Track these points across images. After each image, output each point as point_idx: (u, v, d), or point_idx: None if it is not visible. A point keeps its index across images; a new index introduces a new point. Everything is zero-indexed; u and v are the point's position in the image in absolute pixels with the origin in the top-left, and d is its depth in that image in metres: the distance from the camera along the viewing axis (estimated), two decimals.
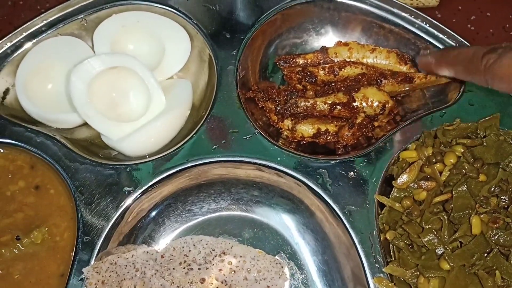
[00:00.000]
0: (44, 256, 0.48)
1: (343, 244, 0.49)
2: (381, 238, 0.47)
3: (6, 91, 0.55)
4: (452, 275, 0.42)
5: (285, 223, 0.52)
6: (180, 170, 0.51)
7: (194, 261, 0.50)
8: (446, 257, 0.43)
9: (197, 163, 0.51)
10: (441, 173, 0.47)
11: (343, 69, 0.55)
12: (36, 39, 0.56)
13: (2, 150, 0.52)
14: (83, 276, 0.46)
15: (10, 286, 0.47)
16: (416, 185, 0.47)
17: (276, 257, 0.51)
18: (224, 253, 0.51)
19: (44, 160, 0.51)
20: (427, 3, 0.61)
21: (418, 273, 0.44)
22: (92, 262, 0.47)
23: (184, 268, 0.50)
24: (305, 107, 0.54)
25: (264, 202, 0.53)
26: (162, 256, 0.50)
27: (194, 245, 0.51)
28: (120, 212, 0.49)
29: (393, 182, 0.48)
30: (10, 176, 0.51)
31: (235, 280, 0.49)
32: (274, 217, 0.53)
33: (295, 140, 0.54)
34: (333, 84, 0.55)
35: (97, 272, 0.47)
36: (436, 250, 0.44)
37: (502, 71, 0.40)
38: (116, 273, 0.48)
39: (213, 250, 0.51)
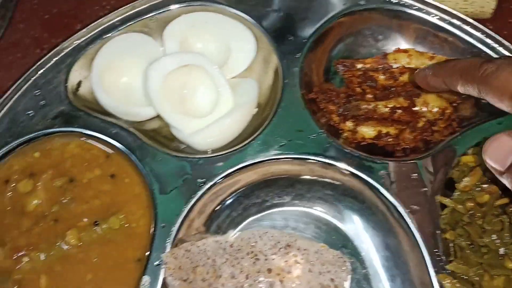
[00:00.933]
0: (121, 241, 0.50)
1: (405, 242, 0.51)
2: (441, 237, 0.50)
3: (79, 83, 0.57)
4: None
5: (347, 220, 0.55)
6: (248, 165, 0.53)
7: (260, 252, 0.52)
8: (510, 257, 0.45)
9: (264, 159, 0.53)
10: None
11: (403, 75, 0.58)
12: (109, 35, 0.58)
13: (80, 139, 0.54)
14: (160, 261, 0.49)
15: (88, 269, 0.49)
16: (478, 188, 0.50)
17: (339, 251, 0.53)
18: (289, 246, 0.53)
19: (120, 150, 0.53)
20: (481, 15, 0.63)
21: (482, 271, 0.47)
22: (168, 248, 0.49)
23: (251, 258, 0.52)
24: (366, 110, 0.57)
25: (327, 199, 0.55)
26: (231, 246, 0.52)
27: (260, 237, 0.53)
28: (193, 202, 0.51)
29: (456, 184, 0.50)
30: (86, 165, 0.53)
31: (301, 272, 0.52)
32: (336, 214, 0.55)
33: (354, 141, 0.57)
34: (393, 89, 0.58)
35: (175, 258, 0.49)
36: (499, 250, 0.47)
37: (497, 83, 0.40)
38: (190, 259, 0.50)
39: (278, 242, 0.53)
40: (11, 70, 0.62)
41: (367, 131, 0.56)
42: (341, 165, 0.53)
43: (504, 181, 0.40)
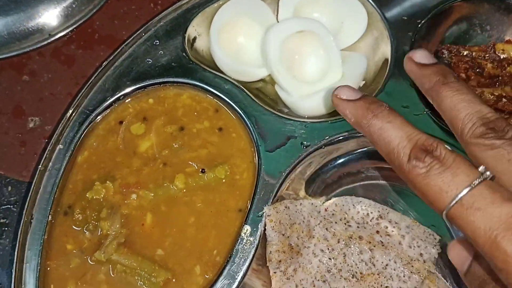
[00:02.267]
0: (225, 191, 0.53)
1: None
2: None
3: (194, 39, 0.60)
4: None
5: None
6: (350, 136, 0.54)
7: (353, 219, 0.54)
8: None
9: None
10: None
11: (510, 66, 0.58)
12: None
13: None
14: (262, 213, 0.51)
15: (192, 212, 0.52)
16: None
17: (429, 229, 0.54)
18: (380, 217, 0.54)
19: (229, 105, 0.55)
20: None
21: None
22: (269, 203, 0.51)
23: (344, 224, 0.53)
24: None
25: None
26: (325, 210, 0.54)
27: (353, 205, 0.54)
28: (296, 162, 0.53)
29: None
30: (196, 116, 0.56)
31: (391, 243, 0.53)
32: None
33: None
34: (499, 78, 0.58)
35: (276, 212, 0.51)
36: None
37: (429, 191, 0.37)
38: (289, 216, 0.52)
39: (371, 212, 0.54)
40: (125, 21, 0.64)
41: None
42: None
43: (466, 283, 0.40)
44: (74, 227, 0.50)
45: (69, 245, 0.50)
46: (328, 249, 0.52)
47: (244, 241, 0.50)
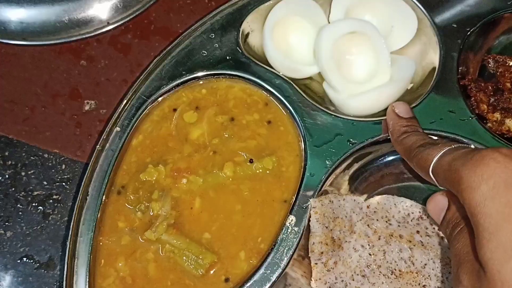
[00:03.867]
0: (271, 181, 0.54)
1: None
2: None
3: (248, 35, 0.61)
4: None
5: None
6: None
7: (393, 217, 0.55)
8: None
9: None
10: None
11: None
12: None
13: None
14: (307, 205, 0.52)
15: (238, 200, 0.53)
16: None
17: None
18: (421, 218, 0.55)
19: (279, 99, 0.57)
20: None
21: None
22: (314, 196, 0.52)
23: (385, 222, 0.54)
24: None
25: None
26: (367, 207, 0.55)
27: (395, 204, 0.55)
28: (341, 159, 0.54)
29: None
30: (246, 108, 0.57)
31: (430, 243, 0.53)
32: None
33: (498, 132, 0.57)
34: None
35: (321, 205, 0.52)
36: None
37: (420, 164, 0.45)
38: (333, 210, 0.53)
39: (412, 213, 0.55)
40: (180, 14, 0.66)
41: None
42: None
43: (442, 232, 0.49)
44: (127, 205, 0.52)
45: (121, 223, 0.52)
46: (368, 245, 0.53)
47: (289, 230, 0.51)
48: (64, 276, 0.49)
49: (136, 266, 0.50)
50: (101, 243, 0.51)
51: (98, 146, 0.53)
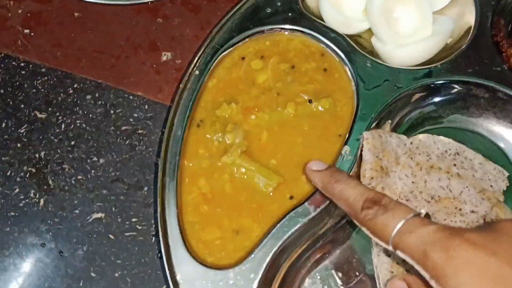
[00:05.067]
0: (327, 118, 0.62)
1: None
2: None
3: None
4: None
5: (507, 138, 0.64)
6: (434, 83, 0.63)
7: (433, 153, 0.62)
8: None
9: (451, 79, 0.63)
10: None
11: None
12: None
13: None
14: (360, 137, 0.60)
15: (299, 134, 0.61)
16: None
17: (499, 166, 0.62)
18: (457, 154, 0.63)
19: (334, 50, 0.65)
20: None
21: None
22: (365, 130, 0.61)
23: (426, 156, 0.62)
24: None
25: (493, 114, 0.64)
26: (410, 143, 0.62)
27: (434, 142, 0.63)
28: (389, 101, 0.62)
29: None
30: (305, 58, 0.65)
31: (465, 174, 0.61)
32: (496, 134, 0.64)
33: None
34: None
35: (372, 137, 0.60)
36: None
37: (376, 229, 0.44)
38: (381, 143, 0.61)
39: (449, 149, 0.63)
40: None
41: None
42: None
43: None
44: (207, 135, 0.61)
45: (201, 150, 0.61)
46: (412, 174, 0.61)
47: (344, 158, 0.59)
48: (158, 191, 0.58)
49: (214, 185, 0.59)
50: (185, 165, 0.60)
51: (181, 85, 0.62)
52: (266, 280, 0.55)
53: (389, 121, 0.64)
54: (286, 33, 0.66)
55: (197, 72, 0.63)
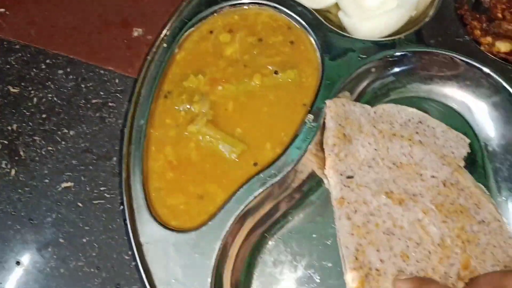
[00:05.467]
0: (293, 89, 0.63)
1: None
2: None
3: None
4: None
5: (469, 107, 0.65)
6: (400, 54, 0.64)
7: (396, 122, 0.63)
8: None
9: (416, 50, 0.64)
10: None
11: None
12: None
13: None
14: (323, 106, 0.61)
15: (266, 104, 0.62)
16: None
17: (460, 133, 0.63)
18: (420, 122, 0.64)
19: (301, 24, 0.66)
20: None
21: None
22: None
23: (389, 124, 0.63)
24: (505, 29, 0.66)
25: (456, 83, 0.65)
26: (374, 112, 0.64)
27: (398, 111, 0.64)
28: (353, 71, 0.63)
29: None
30: (272, 31, 0.66)
31: (427, 142, 0.62)
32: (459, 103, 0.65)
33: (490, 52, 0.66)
34: None
35: (335, 105, 0.61)
36: None
37: None
38: (344, 111, 0.62)
39: (413, 118, 0.64)
40: None
41: (503, 46, 0.65)
42: (481, 67, 0.62)
43: None
44: (174, 106, 0.62)
45: (168, 120, 0.62)
46: (374, 142, 0.62)
47: (307, 125, 0.60)
48: (122, 160, 0.59)
49: (180, 153, 0.60)
50: (152, 134, 0.61)
51: (148, 57, 0.63)
52: (228, 242, 0.56)
53: (348, 92, 0.65)
54: (254, 7, 0.68)
55: (165, 45, 0.64)
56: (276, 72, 0.63)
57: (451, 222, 0.58)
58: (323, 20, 0.66)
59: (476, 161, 0.63)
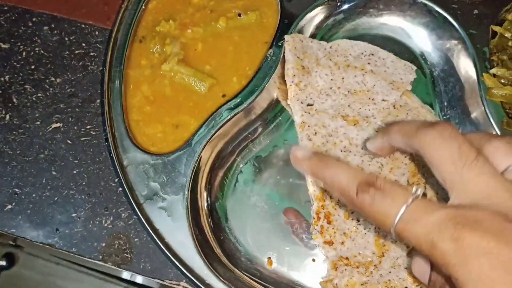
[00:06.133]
0: (255, 29, 0.69)
1: (462, 60, 0.66)
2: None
3: None
4: None
5: (416, 39, 0.71)
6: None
7: (350, 55, 0.69)
8: None
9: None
10: None
11: None
12: None
13: None
14: (283, 42, 0.67)
15: (231, 43, 0.68)
16: None
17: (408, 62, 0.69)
18: (372, 54, 0.69)
19: None
20: None
21: None
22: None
23: (343, 57, 0.69)
24: None
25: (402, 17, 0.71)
26: (330, 47, 0.70)
27: (351, 46, 0.70)
28: (308, 10, 0.69)
29: (506, 15, 0.65)
30: None
31: (378, 71, 0.68)
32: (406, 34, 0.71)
33: None
34: None
35: (293, 40, 0.67)
36: None
37: (376, 216, 0.41)
38: (302, 46, 0.68)
39: (365, 51, 0.69)
40: None
41: None
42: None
43: None
44: (149, 49, 0.68)
45: (143, 61, 0.67)
46: (330, 73, 0.68)
47: (269, 59, 0.66)
48: (104, 96, 0.65)
49: (156, 89, 0.66)
50: (129, 74, 0.67)
51: (122, 5, 0.69)
52: (201, 163, 0.62)
53: (311, 29, 0.71)
54: None
55: None
56: (239, 15, 0.69)
57: None
58: None
59: (423, 86, 0.69)
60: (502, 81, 0.63)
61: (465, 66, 0.66)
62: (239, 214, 0.62)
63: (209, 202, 0.62)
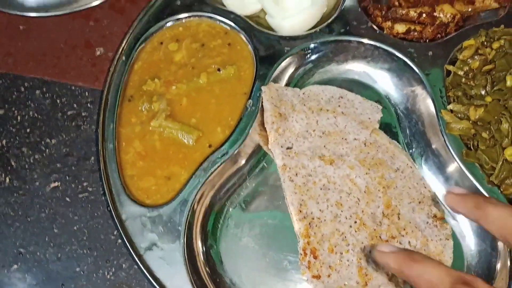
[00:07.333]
0: (234, 82, 0.72)
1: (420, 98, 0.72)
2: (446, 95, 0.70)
3: None
4: (491, 104, 0.65)
5: (380, 82, 0.76)
6: (323, 42, 0.75)
7: (322, 99, 0.74)
8: (489, 95, 0.65)
9: (331, 39, 0.75)
10: (489, 54, 0.70)
11: None
12: None
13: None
14: (260, 92, 0.71)
15: (213, 96, 0.71)
16: (471, 60, 0.70)
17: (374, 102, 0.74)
18: (341, 97, 0.74)
19: (235, 29, 0.76)
20: None
21: (470, 106, 0.67)
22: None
23: (316, 101, 0.73)
24: (401, 14, 0.77)
25: (366, 62, 0.76)
26: (303, 93, 0.74)
27: (322, 90, 0.74)
28: (280, 62, 0.73)
29: (458, 54, 0.71)
30: (212, 36, 0.76)
31: (348, 112, 0.72)
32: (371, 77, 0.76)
33: (390, 35, 0.77)
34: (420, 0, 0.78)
35: (269, 90, 0.71)
36: (482, 93, 0.67)
37: None
38: (278, 95, 0.72)
39: (335, 94, 0.74)
40: None
41: (400, 27, 0.77)
42: (385, 46, 0.73)
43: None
44: (137, 107, 0.71)
45: (133, 119, 0.70)
46: (306, 117, 0.72)
47: (249, 109, 0.70)
48: (100, 155, 0.67)
49: (147, 144, 0.69)
50: (121, 132, 0.70)
51: (111, 68, 0.72)
52: (194, 211, 0.65)
53: (283, 79, 0.75)
54: (195, 19, 0.77)
55: (123, 58, 0.73)
56: (219, 70, 0.73)
57: (373, 173, 0.69)
58: (253, 24, 0.75)
59: (390, 123, 0.73)
60: (459, 115, 0.68)
61: (425, 104, 0.71)
62: (232, 255, 0.65)
63: (204, 247, 0.65)
